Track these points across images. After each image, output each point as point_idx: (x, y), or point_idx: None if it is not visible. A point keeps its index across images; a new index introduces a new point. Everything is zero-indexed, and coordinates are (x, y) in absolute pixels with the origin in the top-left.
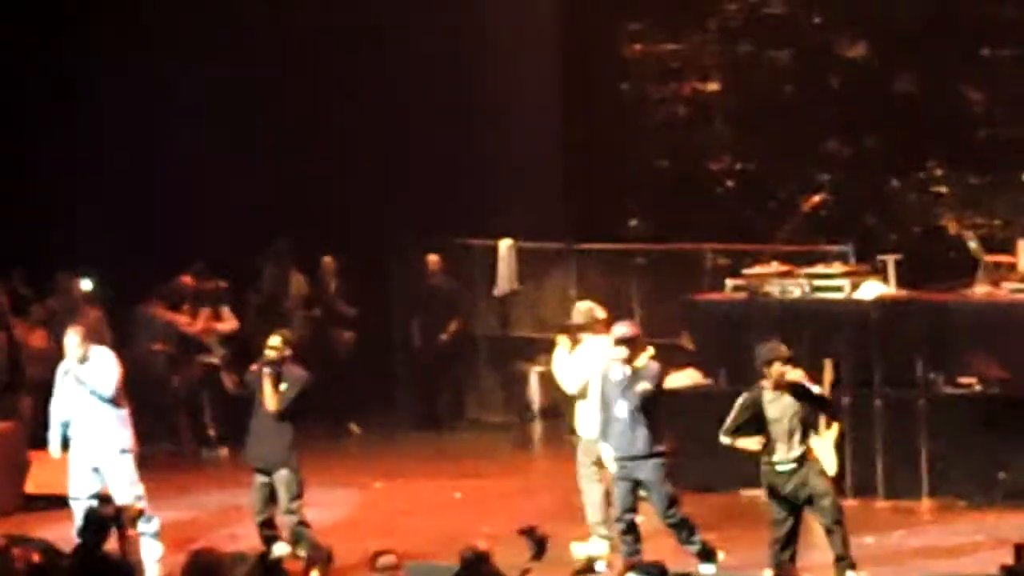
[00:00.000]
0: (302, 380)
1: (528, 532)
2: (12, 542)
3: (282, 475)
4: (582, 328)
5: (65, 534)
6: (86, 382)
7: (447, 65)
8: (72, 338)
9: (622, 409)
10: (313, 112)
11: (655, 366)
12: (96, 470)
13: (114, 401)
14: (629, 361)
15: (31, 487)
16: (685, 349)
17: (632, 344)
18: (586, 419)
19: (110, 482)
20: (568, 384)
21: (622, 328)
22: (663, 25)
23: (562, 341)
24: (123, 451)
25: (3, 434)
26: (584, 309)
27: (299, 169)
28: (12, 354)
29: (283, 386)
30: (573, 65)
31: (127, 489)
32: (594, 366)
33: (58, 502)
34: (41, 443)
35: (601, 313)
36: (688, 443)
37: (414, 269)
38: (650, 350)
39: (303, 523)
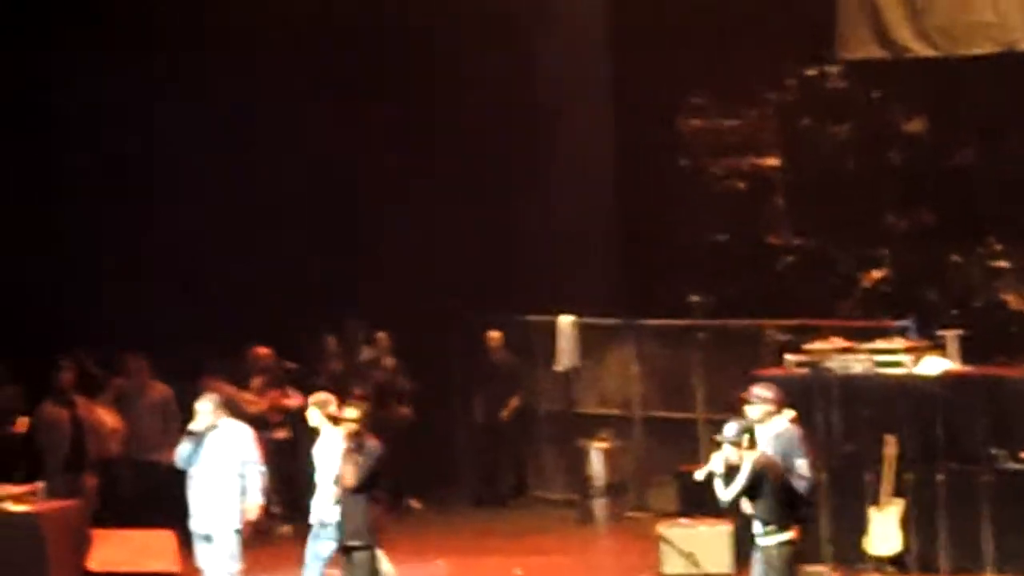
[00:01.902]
0: (376, 452)
1: None
2: None
3: (356, 552)
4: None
5: None
6: (212, 450)
7: (507, 139)
8: (204, 404)
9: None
10: (371, 187)
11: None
12: (208, 538)
13: (232, 474)
14: (762, 420)
15: (94, 565)
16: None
17: (768, 403)
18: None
19: (214, 552)
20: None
21: (759, 388)
22: (722, 100)
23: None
24: (233, 527)
25: (67, 511)
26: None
27: (359, 243)
28: (76, 432)
29: (360, 459)
30: (631, 141)
31: (227, 563)
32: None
33: None
34: (104, 521)
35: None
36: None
37: (476, 345)
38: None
39: None
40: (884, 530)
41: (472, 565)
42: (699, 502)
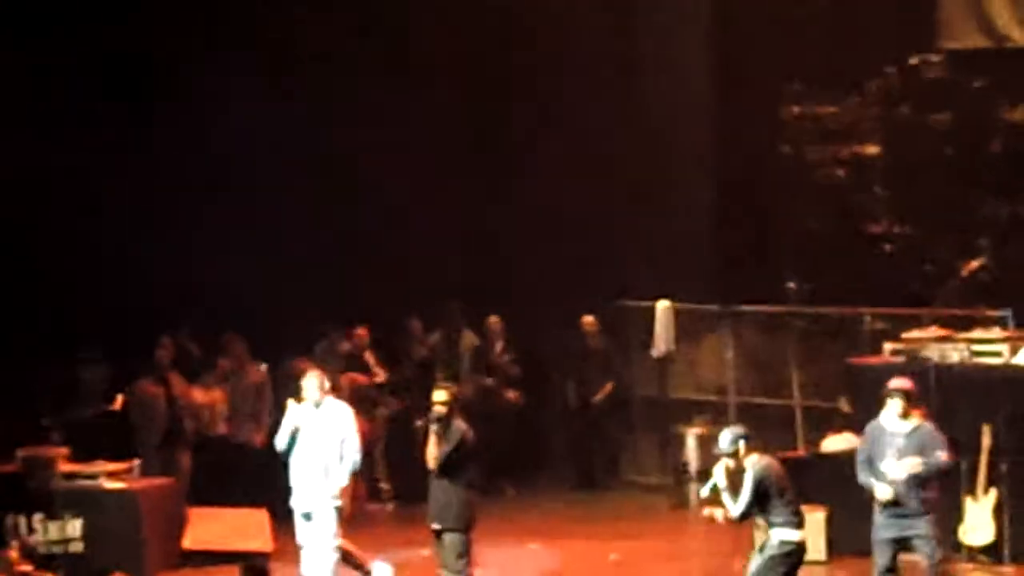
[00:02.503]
0: (458, 434)
1: None
2: None
3: (445, 535)
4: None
5: None
6: (314, 429)
7: (604, 127)
8: (311, 381)
9: (892, 464)
10: (479, 175)
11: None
12: (308, 516)
13: (333, 453)
14: (904, 416)
15: (188, 543)
16: (842, 412)
17: (908, 398)
18: None
19: (314, 529)
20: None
21: (900, 381)
22: (822, 88)
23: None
24: (332, 504)
25: (162, 489)
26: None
27: (454, 227)
28: (171, 411)
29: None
30: (731, 126)
31: (328, 540)
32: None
33: (215, 558)
34: (198, 499)
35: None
36: (845, 508)
37: (571, 330)
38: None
39: None
40: (978, 520)
41: (566, 549)
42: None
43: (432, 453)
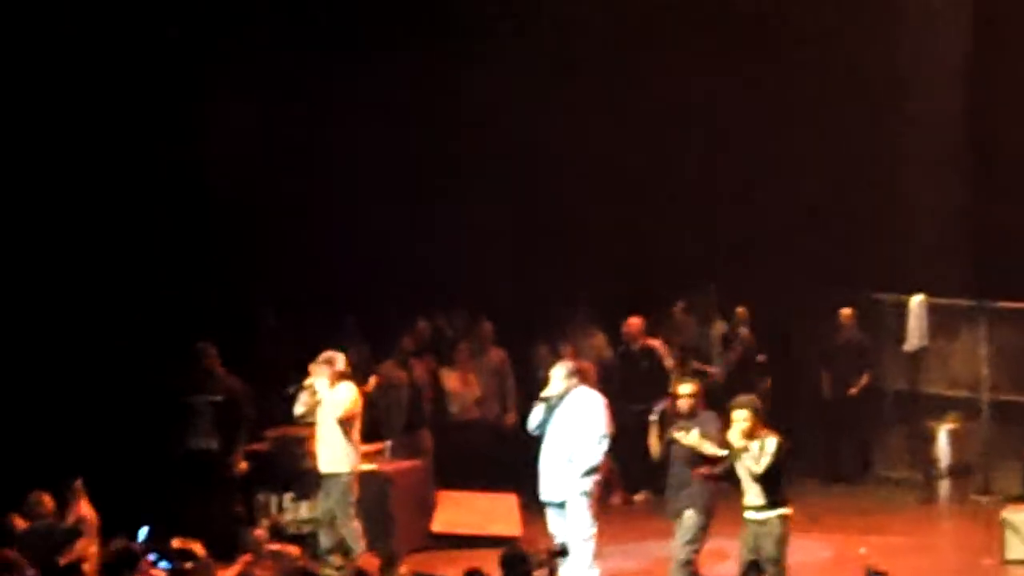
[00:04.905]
0: (708, 424)
1: None
2: None
3: (681, 517)
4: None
5: None
6: (563, 417)
7: (857, 113)
8: (559, 371)
9: None
10: (729, 165)
11: None
12: (559, 505)
13: (581, 442)
14: None
15: (437, 526)
16: None
17: None
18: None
19: (567, 518)
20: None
21: None
22: None
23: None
24: (581, 491)
25: (411, 471)
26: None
27: (709, 216)
28: (413, 394)
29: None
30: (989, 121)
31: (581, 529)
32: None
33: (462, 542)
34: (448, 482)
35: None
36: None
37: (826, 322)
38: None
39: (686, 565)
40: None
41: (815, 541)
42: None
43: (653, 444)
